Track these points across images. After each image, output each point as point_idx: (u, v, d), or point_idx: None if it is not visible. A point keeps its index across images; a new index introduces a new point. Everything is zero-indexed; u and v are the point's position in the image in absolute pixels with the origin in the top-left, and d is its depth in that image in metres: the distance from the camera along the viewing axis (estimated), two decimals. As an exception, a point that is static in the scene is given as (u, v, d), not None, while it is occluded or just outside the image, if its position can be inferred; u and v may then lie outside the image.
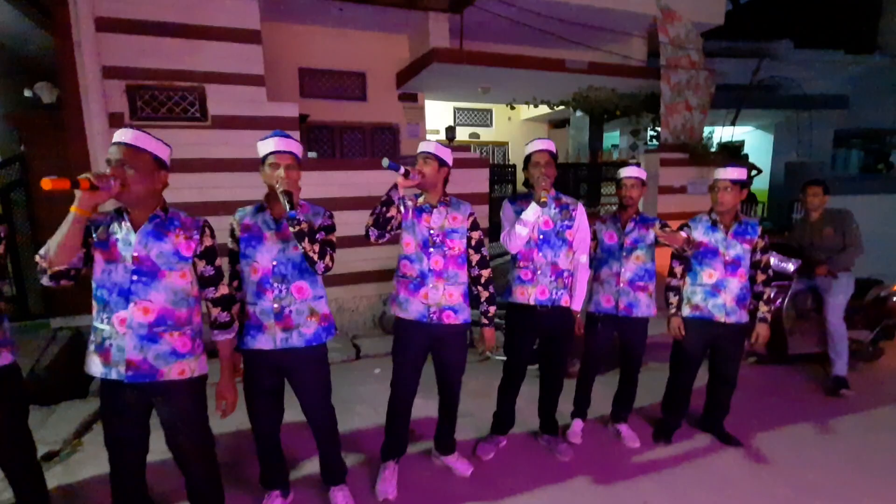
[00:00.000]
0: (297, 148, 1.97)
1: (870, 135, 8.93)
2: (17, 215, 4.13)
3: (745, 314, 2.70)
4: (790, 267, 3.78)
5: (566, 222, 2.54)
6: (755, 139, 9.37)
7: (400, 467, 2.50)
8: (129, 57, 4.04)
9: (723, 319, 2.67)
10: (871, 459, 2.76)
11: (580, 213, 2.59)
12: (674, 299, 2.78)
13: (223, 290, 1.84)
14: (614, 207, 2.96)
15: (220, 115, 4.34)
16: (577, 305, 2.63)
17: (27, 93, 4.15)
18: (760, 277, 2.70)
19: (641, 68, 6.46)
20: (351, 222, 3.18)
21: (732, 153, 6.70)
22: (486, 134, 10.38)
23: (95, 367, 1.68)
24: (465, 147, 7.68)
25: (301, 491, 2.37)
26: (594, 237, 2.79)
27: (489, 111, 10.26)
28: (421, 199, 2.32)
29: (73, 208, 1.47)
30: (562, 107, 8.07)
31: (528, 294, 2.52)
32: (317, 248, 1.88)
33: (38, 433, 2.36)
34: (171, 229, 1.70)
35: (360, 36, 6.24)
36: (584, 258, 2.62)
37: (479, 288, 2.39)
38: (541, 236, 2.51)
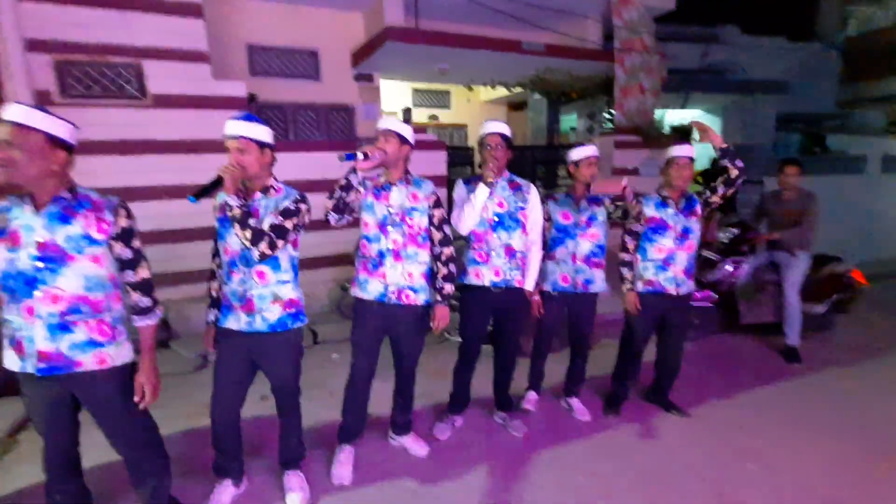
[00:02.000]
0: (253, 131, 1.87)
1: (809, 118, 9.43)
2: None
3: (692, 283, 2.86)
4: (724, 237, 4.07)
5: (520, 204, 2.57)
6: (705, 121, 9.71)
7: (356, 450, 2.50)
8: (57, 29, 3.75)
9: (674, 291, 2.80)
10: (810, 420, 2.99)
11: (533, 194, 2.63)
12: (628, 274, 2.88)
13: (143, 273, 1.75)
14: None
15: (160, 93, 4.11)
16: (529, 285, 2.68)
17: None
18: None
19: (597, 51, 6.54)
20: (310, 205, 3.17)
21: (683, 135, 6.94)
22: (445, 116, 10.29)
23: (12, 361, 1.62)
24: (421, 129, 7.58)
25: (255, 479, 2.34)
26: (547, 217, 2.84)
27: (448, 93, 10.15)
28: (382, 178, 2.29)
29: None
30: (520, 89, 8.09)
31: (483, 275, 2.56)
32: (248, 234, 1.81)
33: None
34: (79, 211, 1.61)
35: (313, 12, 6.01)
36: (536, 238, 2.67)
37: (439, 264, 2.39)
38: (495, 218, 2.54)
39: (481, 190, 2.39)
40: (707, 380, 3.50)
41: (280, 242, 1.88)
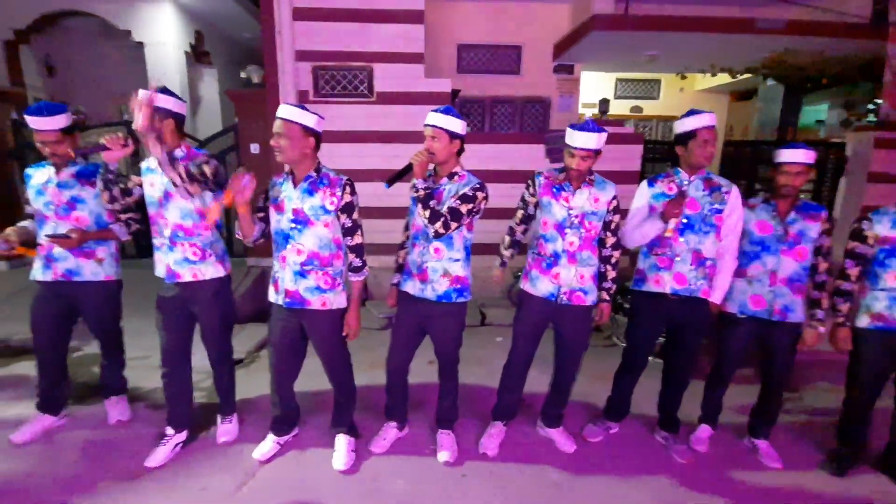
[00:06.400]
0: (446, 122, 2.09)
1: None
2: (229, 175, 5.18)
3: None
4: None
5: (716, 206, 2.29)
6: None
7: (506, 430, 2.63)
8: (316, 41, 4.69)
9: None
10: None
11: (734, 196, 2.31)
12: (843, 306, 2.34)
13: (358, 239, 2.19)
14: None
15: (383, 91, 4.81)
16: (717, 297, 2.40)
17: (242, 74, 5.12)
18: None
19: (861, 27, 5.18)
20: (495, 194, 3.39)
21: None
22: (650, 107, 9.48)
23: (271, 294, 2.23)
24: (618, 122, 7.15)
25: (414, 429, 2.67)
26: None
27: (657, 82, 9.31)
28: (561, 176, 2.33)
29: (238, 209, 2.06)
30: (748, 75, 6.95)
31: (664, 282, 2.37)
32: (427, 213, 2.08)
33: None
34: (320, 187, 2.08)
35: (519, 7, 6.19)
36: (731, 246, 2.35)
37: (608, 267, 2.38)
38: (684, 220, 2.32)
39: (655, 228, 2.30)
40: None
41: (453, 224, 2.10)
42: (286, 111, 2.01)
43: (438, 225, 2.07)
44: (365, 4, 4.61)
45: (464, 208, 2.11)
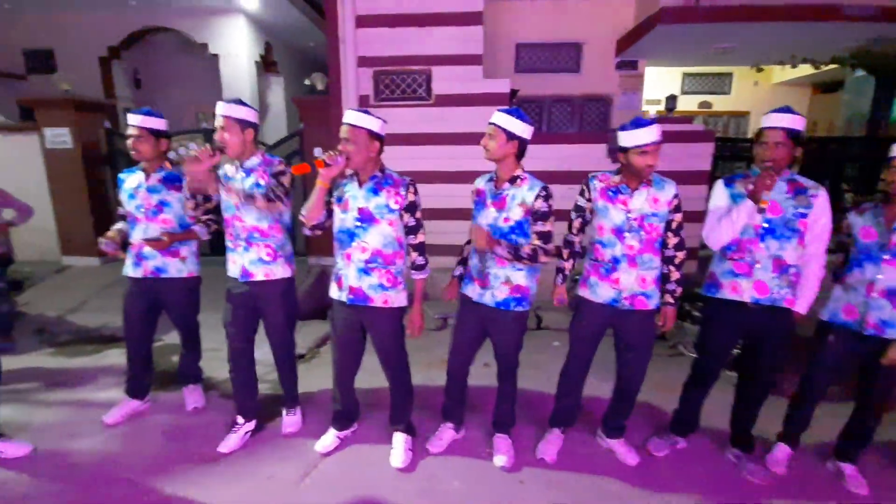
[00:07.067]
0: (505, 121, 2.10)
1: None
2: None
3: None
4: None
5: (800, 210, 2.12)
6: None
7: (564, 437, 2.57)
8: (377, 47, 4.81)
9: None
10: None
11: (822, 199, 2.13)
12: None
13: (420, 238, 2.23)
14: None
15: (441, 93, 4.85)
16: (802, 307, 2.22)
17: (306, 81, 5.34)
18: None
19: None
20: (553, 196, 3.31)
21: None
22: (720, 102, 8.95)
23: (333, 291, 2.31)
24: (686, 118, 6.76)
25: (471, 431, 2.67)
26: (848, 233, 2.26)
27: (728, 75, 8.78)
28: (616, 178, 2.24)
29: (318, 182, 2.07)
30: (833, 65, 6.39)
31: (742, 289, 2.22)
32: (527, 261, 2.14)
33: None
34: (385, 187, 2.14)
35: (581, 4, 6.04)
36: (818, 252, 2.18)
37: (672, 268, 2.25)
38: (765, 225, 2.16)
39: (745, 209, 2.10)
40: None
41: (551, 245, 2.16)
42: (353, 116, 2.07)
43: (542, 258, 2.13)
44: (425, 8, 4.67)
45: (548, 226, 2.14)
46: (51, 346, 3.82)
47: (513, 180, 2.17)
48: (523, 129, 2.12)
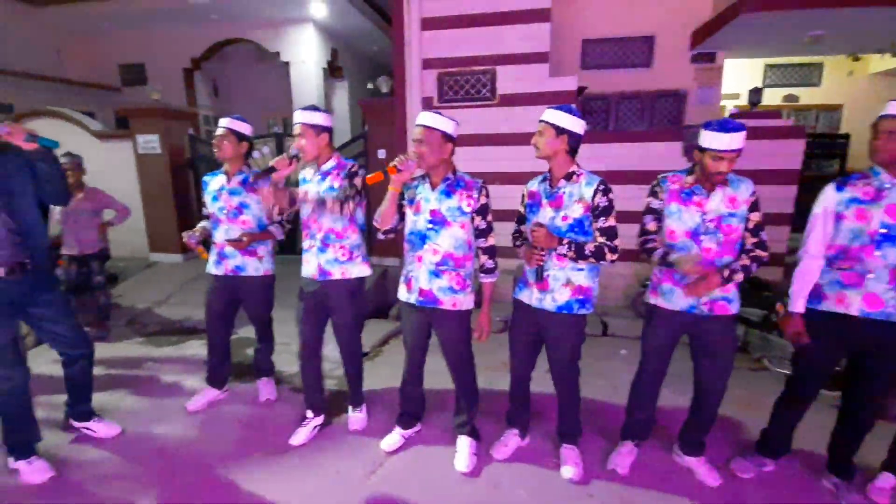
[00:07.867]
0: (557, 118, 2.03)
1: None
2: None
3: None
4: None
5: None
6: None
7: (638, 451, 2.44)
8: (442, 49, 4.82)
9: None
10: None
11: None
12: None
13: (490, 241, 2.20)
14: None
15: (506, 93, 4.78)
16: None
17: (369, 85, 5.46)
18: None
19: None
20: (623, 196, 3.18)
21: None
22: (810, 95, 8.19)
23: (402, 293, 2.31)
24: (774, 113, 6.23)
25: (535, 439, 2.59)
26: None
27: (818, 66, 8.03)
28: (689, 179, 2.09)
29: (390, 187, 2.09)
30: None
31: (850, 302, 2.00)
32: (590, 259, 2.05)
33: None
34: (457, 189, 2.13)
35: (653, -5, 5.75)
36: None
37: (745, 256, 2.05)
38: (883, 230, 1.93)
39: None
40: None
41: (616, 241, 2.05)
42: (427, 118, 2.07)
43: (609, 257, 2.03)
44: (492, 8, 4.62)
45: (612, 221, 2.04)
46: (140, 336, 4.15)
47: (568, 177, 2.08)
48: (572, 123, 2.02)
